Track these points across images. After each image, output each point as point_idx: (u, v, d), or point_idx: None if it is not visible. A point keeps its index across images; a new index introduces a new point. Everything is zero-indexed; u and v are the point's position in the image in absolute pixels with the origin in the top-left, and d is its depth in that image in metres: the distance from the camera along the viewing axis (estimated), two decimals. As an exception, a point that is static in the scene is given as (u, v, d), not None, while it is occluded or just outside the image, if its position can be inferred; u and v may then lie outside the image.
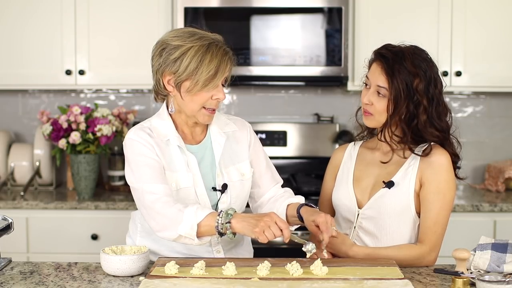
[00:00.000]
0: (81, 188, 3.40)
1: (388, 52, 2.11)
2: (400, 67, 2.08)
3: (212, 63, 2.03)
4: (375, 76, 2.12)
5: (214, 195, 2.15)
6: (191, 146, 2.16)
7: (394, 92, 2.08)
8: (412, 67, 2.08)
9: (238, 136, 2.23)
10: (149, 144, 2.08)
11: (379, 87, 2.11)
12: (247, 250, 2.33)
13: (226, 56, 2.06)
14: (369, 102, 2.12)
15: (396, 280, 1.83)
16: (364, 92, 2.16)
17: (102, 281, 1.91)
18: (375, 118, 2.14)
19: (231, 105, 3.85)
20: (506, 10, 3.46)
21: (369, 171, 2.21)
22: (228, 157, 2.19)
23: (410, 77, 2.07)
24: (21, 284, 1.87)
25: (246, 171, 2.20)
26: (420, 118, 2.09)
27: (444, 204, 2.09)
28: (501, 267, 1.92)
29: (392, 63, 2.08)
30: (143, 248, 2.01)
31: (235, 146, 2.21)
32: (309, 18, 3.43)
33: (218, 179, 2.15)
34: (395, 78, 2.07)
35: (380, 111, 2.12)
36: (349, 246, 2.11)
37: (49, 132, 3.39)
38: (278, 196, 2.24)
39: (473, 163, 3.84)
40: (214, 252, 2.18)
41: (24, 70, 3.51)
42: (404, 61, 2.08)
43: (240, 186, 2.19)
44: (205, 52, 2.03)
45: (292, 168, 3.74)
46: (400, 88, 2.07)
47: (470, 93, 3.84)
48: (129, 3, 3.47)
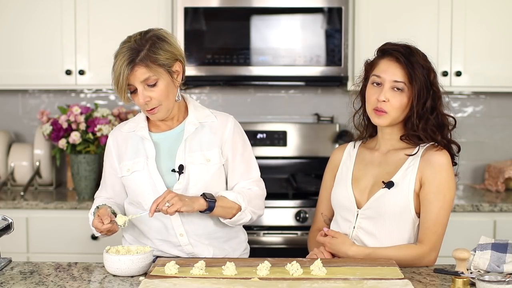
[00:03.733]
0: (81, 188, 3.40)
1: (399, 47, 2.11)
2: (416, 60, 2.08)
3: (114, 75, 2.14)
4: (390, 72, 2.10)
5: (174, 177, 2.22)
6: (159, 133, 2.27)
7: (418, 85, 2.07)
8: (424, 61, 2.10)
9: (215, 126, 2.29)
10: (109, 149, 2.33)
11: (396, 82, 2.09)
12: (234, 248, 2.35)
13: (123, 65, 2.11)
14: (386, 99, 2.10)
15: (396, 280, 1.83)
16: (375, 90, 2.12)
17: (102, 281, 1.91)
18: (390, 116, 2.11)
19: (231, 105, 3.85)
20: (506, 10, 3.46)
21: (368, 171, 2.21)
22: (197, 143, 2.25)
23: (425, 70, 2.09)
24: (21, 284, 1.87)
25: (213, 157, 2.25)
26: (439, 109, 2.11)
27: (444, 204, 2.09)
28: (501, 267, 1.92)
29: (408, 57, 2.08)
30: (147, 249, 2.01)
31: (208, 135, 2.27)
32: (309, 18, 3.44)
33: (177, 161, 2.22)
34: (416, 70, 2.07)
35: (396, 107, 2.10)
36: (349, 246, 2.11)
37: (49, 132, 3.39)
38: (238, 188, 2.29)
39: (473, 163, 3.84)
40: (178, 236, 2.24)
41: (24, 70, 3.51)
42: (416, 55, 2.09)
43: (203, 170, 2.23)
44: (113, 65, 2.16)
45: (292, 168, 3.74)
46: (422, 80, 2.07)
47: (470, 93, 3.84)
48: (129, 3, 3.47)
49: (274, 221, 3.24)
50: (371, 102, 2.14)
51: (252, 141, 3.64)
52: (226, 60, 3.40)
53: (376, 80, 2.13)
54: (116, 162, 2.30)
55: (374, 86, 2.14)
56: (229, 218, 2.23)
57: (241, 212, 2.22)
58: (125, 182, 2.29)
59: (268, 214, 3.21)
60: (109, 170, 2.34)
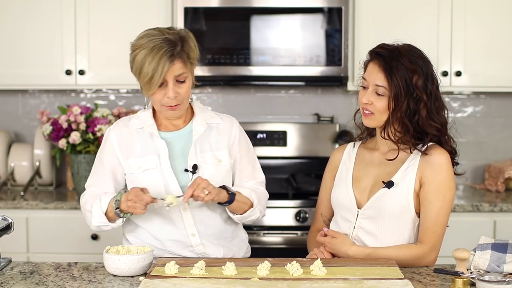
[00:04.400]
0: (81, 188, 3.40)
1: (384, 51, 2.11)
2: (398, 64, 2.08)
3: (149, 67, 2.09)
4: (372, 76, 2.12)
5: (187, 176, 2.22)
6: (167, 132, 2.26)
7: (394, 90, 2.08)
8: (409, 63, 2.08)
9: (222, 128, 2.30)
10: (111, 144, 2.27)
11: (377, 86, 2.10)
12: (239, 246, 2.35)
13: (164, 58, 2.08)
14: (369, 102, 2.12)
15: (396, 280, 1.83)
16: (362, 93, 2.16)
17: (102, 281, 1.91)
18: (376, 117, 2.13)
19: (231, 105, 3.85)
20: (506, 10, 3.46)
21: (368, 171, 2.21)
22: (207, 144, 2.26)
23: (409, 73, 2.08)
24: (21, 284, 1.87)
25: (224, 158, 2.27)
26: (421, 114, 2.09)
27: (444, 204, 2.09)
28: (501, 267, 1.92)
29: (389, 61, 2.09)
30: (147, 249, 2.01)
31: (216, 136, 2.28)
32: (309, 18, 3.44)
33: (190, 161, 2.22)
34: (394, 75, 2.07)
35: (381, 110, 2.11)
36: (349, 246, 2.11)
37: (49, 132, 3.39)
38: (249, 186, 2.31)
39: (473, 163, 3.84)
40: (189, 236, 2.23)
41: (24, 70, 3.51)
42: (401, 58, 2.08)
43: (215, 170, 2.24)
44: (145, 56, 2.10)
45: (292, 168, 3.74)
46: (400, 85, 2.07)
47: (470, 93, 3.84)
48: (129, 3, 3.47)
49: (274, 221, 3.24)
50: (360, 104, 2.17)
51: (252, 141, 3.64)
52: (226, 60, 3.41)
53: (363, 83, 2.16)
54: (122, 158, 2.26)
55: (362, 89, 2.17)
56: (240, 213, 2.24)
57: (252, 208, 2.25)
58: (133, 180, 2.24)
59: (268, 214, 3.20)
60: (109, 165, 2.27)
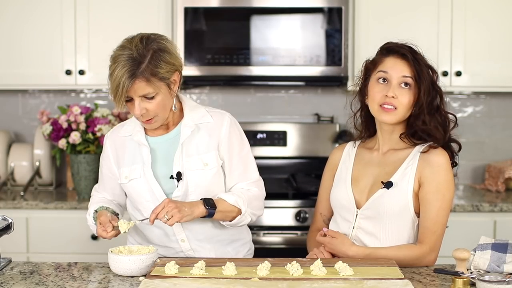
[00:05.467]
0: (81, 188, 3.40)
1: (403, 46, 2.13)
2: (421, 58, 2.11)
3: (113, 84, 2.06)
4: (397, 68, 2.10)
5: (173, 183, 2.20)
6: (156, 137, 2.24)
7: (425, 82, 2.08)
8: (425, 60, 2.13)
9: (212, 127, 2.24)
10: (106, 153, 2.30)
11: (405, 77, 2.09)
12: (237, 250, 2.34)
13: (124, 77, 2.03)
14: (394, 95, 2.08)
15: (396, 280, 1.83)
16: (382, 87, 2.11)
17: (102, 281, 1.91)
18: (399, 112, 2.10)
19: (231, 105, 3.85)
20: (506, 10, 3.46)
21: (367, 171, 2.21)
22: (194, 146, 2.22)
23: (429, 69, 2.12)
24: (21, 284, 1.87)
25: (210, 161, 2.21)
26: (441, 108, 2.13)
27: (443, 204, 2.09)
28: (501, 267, 1.92)
29: (414, 55, 2.10)
30: (151, 248, 2.01)
31: (204, 137, 2.23)
32: (309, 18, 3.43)
33: (175, 167, 2.20)
34: (422, 67, 2.09)
35: (405, 104, 2.09)
36: (349, 246, 2.11)
37: (49, 132, 3.39)
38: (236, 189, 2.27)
39: (473, 163, 3.84)
40: (179, 242, 2.24)
41: (24, 70, 3.51)
42: (419, 54, 2.12)
43: (201, 175, 2.20)
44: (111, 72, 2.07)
45: (292, 168, 3.74)
46: (428, 78, 2.09)
47: (470, 93, 3.84)
48: (129, 3, 3.47)
49: (274, 221, 3.24)
50: (377, 99, 2.12)
51: (252, 141, 3.67)
52: (226, 60, 3.40)
53: (383, 75, 2.12)
54: (115, 167, 2.28)
55: (380, 83, 2.12)
56: (229, 220, 2.22)
57: (241, 215, 2.21)
58: (124, 189, 2.28)
59: (268, 214, 3.21)
60: (107, 174, 2.31)
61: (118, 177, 2.27)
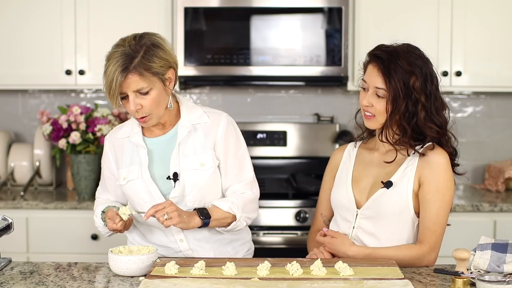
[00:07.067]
0: (81, 188, 3.40)
1: (383, 53, 2.11)
2: (396, 66, 2.08)
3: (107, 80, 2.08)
4: (372, 78, 2.12)
5: (170, 183, 2.21)
6: (153, 138, 2.25)
7: (393, 92, 2.08)
8: (407, 65, 2.08)
9: (208, 128, 2.25)
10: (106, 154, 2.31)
11: (377, 89, 2.10)
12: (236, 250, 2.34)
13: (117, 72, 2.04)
14: (369, 104, 2.12)
15: (396, 280, 1.83)
16: (363, 95, 2.15)
17: (102, 281, 1.91)
18: (377, 119, 2.13)
19: (231, 105, 3.85)
20: (506, 10, 3.46)
21: (368, 171, 2.21)
22: (191, 147, 2.22)
23: (407, 75, 2.08)
24: (21, 284, 1.87)
25: (207, 161, 2.22)
26: (419, 116, 2.09)
27: (443, 204, 2.09)
28: (501, 267, 1.92)
29: (387, 63, 2.08)
30: (151, 248, 2.01)
31: (201, 137, 2.24)
32: (309, 18, 3.43)
33: (171, 168, 2.20)
34: (392, 78, 2.07)
35: (381, 112, 2.11)
36: (349, 246, 2.11)
37: (49, 132, 3.39)
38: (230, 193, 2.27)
39: (473, 163, 3.84)
40: (178, 242, 2.25)
41: (24, 70, 3.51)
42: (399, 60, 2.08)
43: (197, 175, 2.21)
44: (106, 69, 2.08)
45: (292, 168, 3.74)
46: (398, 88, 2.07)
47: (470, 93, 3.84)
48: (129, 3, 3.47)
49: (274, 221, 3.24)
50: (361, 106, 2.17)
51: (252, 141, 3.68)
52: (226, 60, 3.40)
53: (363, 85, 2.16)
54: (115, 168, 2.29)
55: (363, 91, 2.16)
56: (224, 226, 2.23)
57: (236, 221, 2.22)
58: (123, 190, 2.29)
59: (268, 214, 3.21)
60: (109, 176, 2.33)
61: (118, 178, 2.28)
